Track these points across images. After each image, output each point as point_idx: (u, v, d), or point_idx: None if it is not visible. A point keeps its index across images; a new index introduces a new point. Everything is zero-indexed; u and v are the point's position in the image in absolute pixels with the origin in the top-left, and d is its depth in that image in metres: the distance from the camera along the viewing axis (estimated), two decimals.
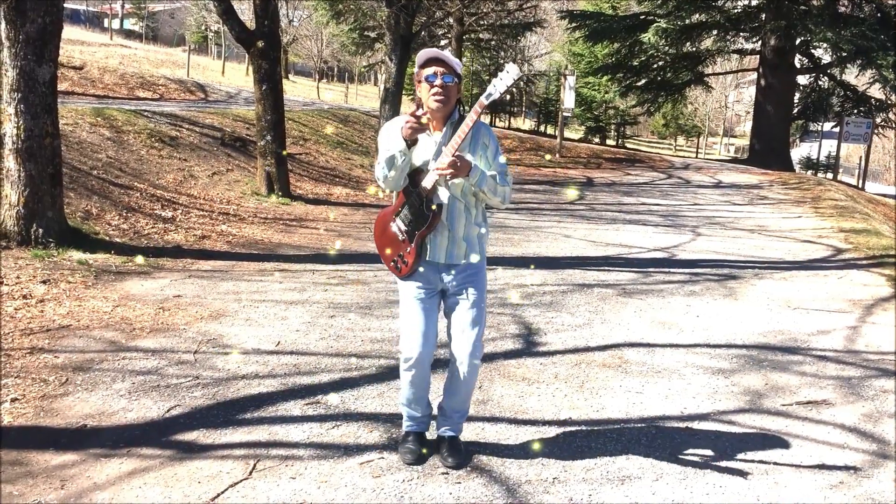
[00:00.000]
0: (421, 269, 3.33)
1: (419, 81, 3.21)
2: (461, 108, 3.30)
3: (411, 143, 3.11)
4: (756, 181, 18.13)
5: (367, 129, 19.87)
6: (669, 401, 4.37)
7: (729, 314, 6.27)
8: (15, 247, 6.81)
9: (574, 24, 26.77)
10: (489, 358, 4.95)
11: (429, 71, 3.18)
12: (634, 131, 50.30)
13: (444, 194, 3.27)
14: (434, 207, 3.24)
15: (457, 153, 3.11)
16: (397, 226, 3.34)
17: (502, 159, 3.34)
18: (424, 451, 3.54)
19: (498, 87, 3.09)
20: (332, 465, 3.44)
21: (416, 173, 3.26)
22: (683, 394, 4.49)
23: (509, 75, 3.06)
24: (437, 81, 3.16)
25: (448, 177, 3.13)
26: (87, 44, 28.45)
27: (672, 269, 7.97)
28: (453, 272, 3.35)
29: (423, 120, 3.14)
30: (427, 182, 3.21)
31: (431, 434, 3.65)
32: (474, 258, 3.40)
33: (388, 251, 3.38)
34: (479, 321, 3.40)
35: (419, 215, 3.27)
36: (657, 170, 20.55)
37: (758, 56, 25.45)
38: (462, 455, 3.51)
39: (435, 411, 3.62)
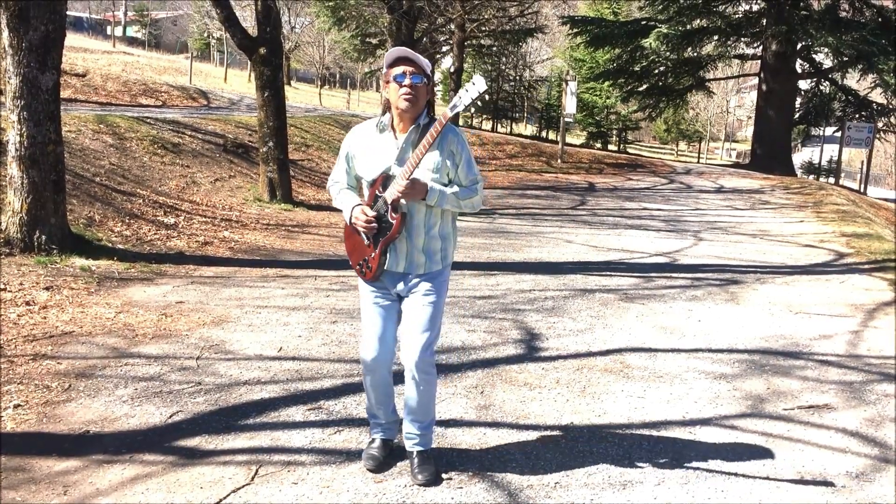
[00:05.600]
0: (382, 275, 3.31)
1: (387, 81, 3.16)
2: (430, 111, 3.26)
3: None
4: (758, 186, 18.13)
5: None
6: (671, 405, 4.38)
7: (731, 319, 6.27)
8: (18, 253, 6.83)
9: (575, 30, 26.79)
10: (491, 363, 4.96)
11: (397, 70, 3.13)
12: (636, 136, 50.37)
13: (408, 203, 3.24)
14: (397, 215, 3.18)
15: (411, 177, 3.08)
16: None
17: (475, 169, 3.26)
18: (387, 458, 3.49)
19: (463, 99, 3.04)
20: (334, 471, 3.45)
21: (382, 177, 3.21)
22: (685, 398, 4.49)
23: (475, 87, 3.01)
24: (406, 81, 3.11)
25: (402, 199, 3.11)
26: (90, 51, 28.56)
27: (674, 274, 7.97)
28: (408, 280, 3.29)
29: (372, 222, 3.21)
30: (389, 194, 3.16)
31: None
32: (437, 266, 3.30)
33: (356, 252, 3.34)
34: (431, 326, 3.26)
35: (383, 222, 3.22)
36: (659, 175, 20.56)
37: (759, 61, 25.45)
38: (433, 469, 3.38)
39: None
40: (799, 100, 26.99)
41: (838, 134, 24.85)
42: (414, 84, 3.11)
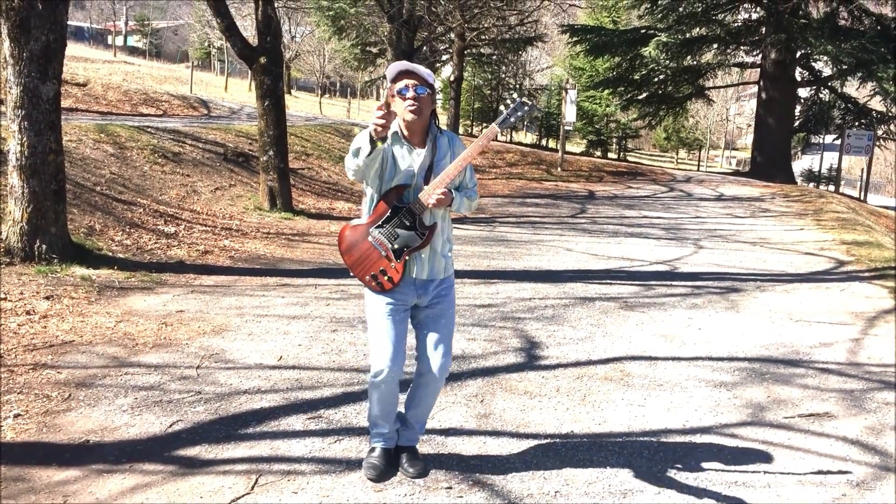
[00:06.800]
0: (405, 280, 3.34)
1: (392, 96, 3.23)
2: (436, 120, 3.32)
3: (378, 139, 3.01)
4: (758, 194, 18.15)
5: None
6: (671, 414, 4.37)
7: (731, 327, 6.27)
8: (18, 263, 6.84)
9: (575, 39, 26.87)
10: (491, 372, 4.96)
11: (401, 84, 3.18)
12: (636, 144, 50.42)
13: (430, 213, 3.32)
14: (430, 226, 3.28)
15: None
16: (377, 240, 3.28)
17: (473, 174, 3.44)
18: (387, 466, 3.49)
19: (511, 118, 3.24)
20: (334, 480, 3.44)
21: (400, 188, 3.25)
22: (685, 407, 4.49)
23: (525, 109, 3.22)
24: (410, 94, 3.16)
25: (437, 207, 3.22)
26: (90, 61, 28.66)
27: (674, 282, 7.97)
28: (430, 287, 3.36)
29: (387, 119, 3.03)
30: (419, 206, 3.23)
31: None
32: (450, 271, 3.44)
33: (363, 265, 3.31)
34: (451, 335, 3.45)
35: (411, 233, 3.26)
36: (659, 183, 20.58)
37: (758, 69, 25.52)
38: (422, 464, 3.54)
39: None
40: (798, 108, 27.05)
41: (838, 142, 24.88)
42: (418, 95, 3.17)
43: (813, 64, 26.08)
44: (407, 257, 3.28)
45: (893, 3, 23.36)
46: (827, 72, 26.03)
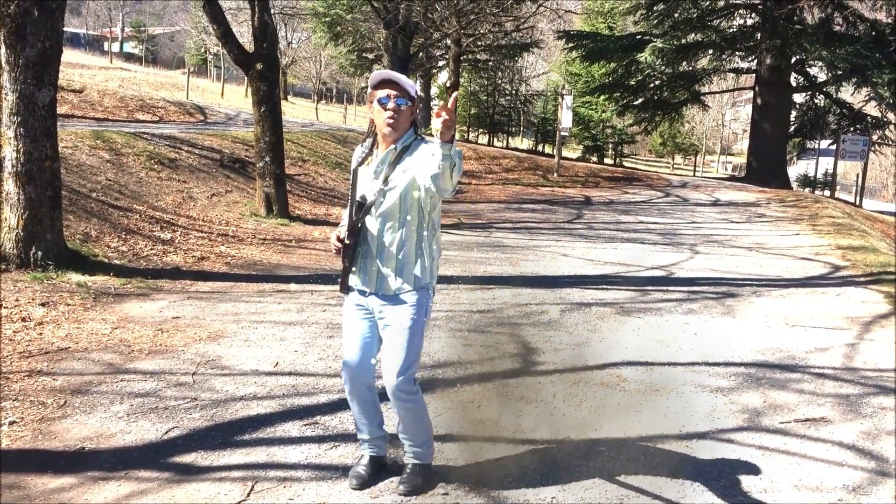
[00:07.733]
0: (356, 289, 3.32)
1: (371, 102, 3.18)
2: (417, 131, 3.26)
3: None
4: (754, 199, 18.18)
5: None
6: (668, 419, 4.37)
7: (727, 332, 6.28)
8: (14, 269, 6.82)
9: (571, 45, 26.93)
10: (487, 377, 4.96)
11: (382, 93, 3.13)
12: (632, 150, 50.39)
13: (373, 224, 3.22)
14: (346, 241, 3.22)
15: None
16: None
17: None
18: (373, 476, 3.45)
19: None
20: (330, 487, 3.44)
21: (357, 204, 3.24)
22: (682, 412, 4.48)
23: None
24: (390, 105, 3.11)
25: (442, 127, 2.82)
26: (87, 67, 28.63)
27: (670, 287, 7.98)
28: (380, 299, 3.26)
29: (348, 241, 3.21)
30: (345, 216, 3.21)
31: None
32: (406, 287, 3.23)
33: None
34: (406, 353, 3.21)
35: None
36: (655, 188, 20.61)
37: (754, 75, 25.60)
38: (417, 482, 3.39)
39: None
40: (794, 113, 27.11)
41: (833, 147, 24.96)
42: (398, 107, 3.12)
43: (808, 69, 26.16)
44: (343, 267, 3.27)
45: (888, 9, 23.47)
46: (822, 77, 26.11)
